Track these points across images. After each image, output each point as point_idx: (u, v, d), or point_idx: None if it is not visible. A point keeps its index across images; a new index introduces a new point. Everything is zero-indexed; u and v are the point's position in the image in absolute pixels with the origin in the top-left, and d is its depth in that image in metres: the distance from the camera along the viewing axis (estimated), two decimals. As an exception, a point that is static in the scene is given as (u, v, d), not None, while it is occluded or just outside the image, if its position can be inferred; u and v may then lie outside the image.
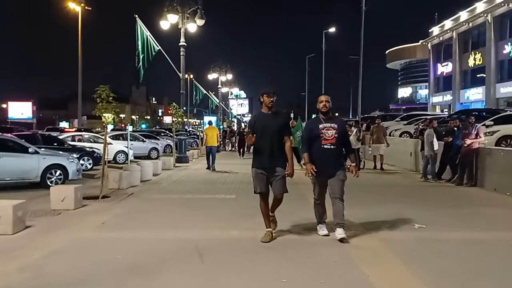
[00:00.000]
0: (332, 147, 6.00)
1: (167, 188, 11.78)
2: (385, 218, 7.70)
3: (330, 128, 6.01)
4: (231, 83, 46.70)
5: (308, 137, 6.20)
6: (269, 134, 5.86)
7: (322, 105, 6.09)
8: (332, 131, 5.99)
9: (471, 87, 45.28)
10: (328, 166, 6.03)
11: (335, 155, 6.08)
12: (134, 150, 23.16)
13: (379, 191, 11.46)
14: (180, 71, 20.24)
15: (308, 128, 6.33)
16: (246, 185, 12.10)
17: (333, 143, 6.00)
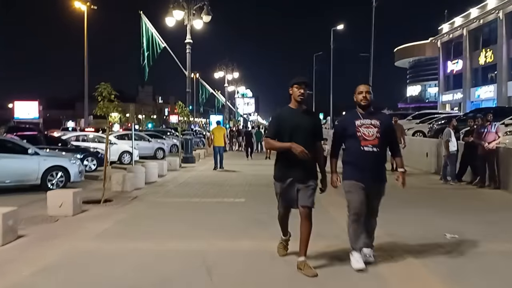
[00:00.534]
0: (375, 149, 4.78)
1: (173, 191, 11.17)
2: (411, 226, 7.05)
3: (371, 125, 4.81)
4: (238, 81, 46.06)
5: (339, 137, 5.02)
6: (300, 137, 4.58)
7: (361, 97, 4.85)
8: (373, 129, 4.79)
9: (482, 85, 44.35)
10: (370, 174, 4.86)
11: (378, 160, 4.89)
12: (140, 150, 22.63)
13: (398, 194, 10.71)
14: (186, 69, 19.63)
15: (340, 126, 5.10)
16: (256, 188, 11.50)
17: (376, 144, 4.77)
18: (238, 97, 60.38)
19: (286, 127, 4.68)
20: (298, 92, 4.70)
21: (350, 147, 4.90)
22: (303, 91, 4.69)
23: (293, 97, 4.74)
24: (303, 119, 4.71)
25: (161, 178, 13.65)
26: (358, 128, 4.80)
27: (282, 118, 4.76)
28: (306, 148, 4.49)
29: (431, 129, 19.42)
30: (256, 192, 10.87)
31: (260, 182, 12.71)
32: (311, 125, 4.74)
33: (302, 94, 4.70)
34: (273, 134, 4.75)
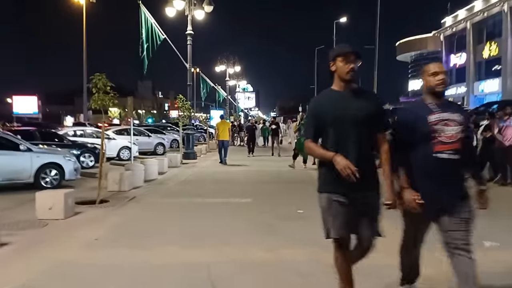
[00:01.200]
0: (456, 156, 3.21)
1: (173, 190, 10.42)
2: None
3: (450, 121, 3.24)
4: (239, 75, 45.25)
5: (404, 138, 3.30)
6: (352, 129, 3.13)
7: (438, 81, 3.31)
8: (454, 128, 3.22)
9: (486, 78, 43.53)
10: (446, 191, 3.25)
11: (459, 172, 3.31)
12: (139, 145, 21.86)
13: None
14: (187, 62, 18.84)
15: (405, 122, 3.36)
16: (262, 186, 10.79)
17: (457, 149, 3.21)
18: (239, 92, 59.60)
19: (329, 120, 3.15)
20: (345, 67, 3.15)
21: (417, 154, 3.27)
22: (353, 65, 3.15)
23: (337, 75, 3.22)
24: (355, 105, 3.15)
25: (161, 175, 12.92)
26: (433, 126, 3.22)
27: (322, 108, 3.21)
28: (361, 144, 3.12)
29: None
30: (263, 190, 10.17)
31: (266, 179, 12.05)
32: (367, 112, 3.15)
33: (352, 70, 3.15)
34: (312, 135, 3.22)
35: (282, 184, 11.25)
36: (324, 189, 3.29)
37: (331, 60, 3.26)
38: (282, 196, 9.40)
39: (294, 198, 9.05)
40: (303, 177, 12.32)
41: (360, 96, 3.23)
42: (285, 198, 9.10)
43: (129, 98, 13.36)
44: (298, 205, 8.03)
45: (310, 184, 11.64)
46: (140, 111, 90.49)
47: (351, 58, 3.18)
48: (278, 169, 13.97)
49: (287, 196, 9.37)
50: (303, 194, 9.56)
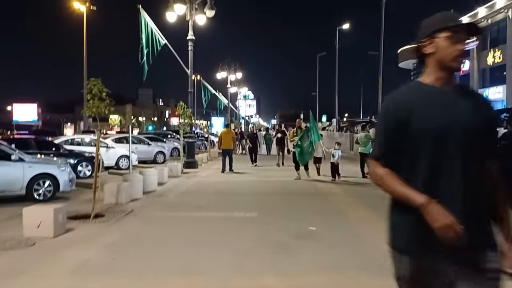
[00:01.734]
0: None
1: (173, 202, 9.77)
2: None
3: None
4: (240, 82, 44.70)
5: None
6: (458, 151, 1.91)
7: None
8: None
9: (490, 86, 42.97)
10: None
11: None
12: (139, 154, 21.27)
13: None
14: (188, 68, 18.26)
15: None
16: (267, 198, 10.14)
17: None
18: (240, 99, 59.11)
19: (422, 132, 1.93)
20: (454, 48, 1.98)
21: None
22: (463, 46, 2.00)
23: (436, 60, 2.02)
24: (465, 112, 1.94)
25: (161, 186, 12.27)
26: None
27: (411, 112, 1.96)
28: (470, 168, 1.91)
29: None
30: (268, 203, 9.52)
31: (270, 190, 11.40)
32: (481, 125, 1.95)
33: (461, 53, 2.00)
34: (382, 155, 2.06)
35: (288, 196, 10.60)
36: (405, 248, 1.97)
37: (426, 36, 2.03)
38: (289, 210, 8.75)
39: (303, 212, 8.42)
40: (309, 189, 11.71)
41: (468, 99, 2.00)
42: (293, 212, 8.45)
43: (128, 105, 12.76)
44: (308, 221, 7.40)
45: (317, 196, 11.12)
46: (140, 118, 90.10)
47: (462, 34, 1.98)
48: (282, 180, 13.32)
49: (295, 210, 8.73)
50: (312, 207, 8.95)
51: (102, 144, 19.38)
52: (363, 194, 10.64)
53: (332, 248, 5.75)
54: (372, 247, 5.72)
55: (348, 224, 7.32)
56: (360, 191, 11.17)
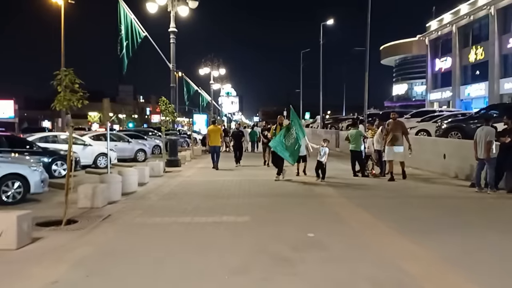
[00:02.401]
0: None
1: (156, 205, 8.90)
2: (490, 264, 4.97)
3: None
4: (223, 79, 43.76)
5: None
6: None
7: None
8: None
9: (472, 83, 42.99)
10: None
11: None
12: (118, 152, 20.28)
13: (432, 206, 8.77)
14: (170, 62, 17.35)
15: None
16: (258, 200, 9.36)
17: None
18: (223, 96, 58.14)
19: None
20: None
21: None
22: None
23: None
24: None
25: (142, 187, 11.40)
26: None
27: None
28: None
29: (439, 128, 17.55)
30: (259, 205, 8.74)
31: (262, 191, 10.62)
32: None
33: None
34: None
35: (279, 197, 9.81)
36: None
37: None
38: (283, 213, 8.00)
39: (297, 216, 7.69)
40: (300, 190, 11.02)
41: None
42: (287, 216, 7.70)
43: (105, 100, 11.86)
44: (305, 227, 6.68)
45: (310, 197, 10.17)
46: (121, 115, 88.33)
47: None
48: (271, 179, 12.47)
49: (289, 213, 7.98)
50: (306, 210, 8.25)
51: (79, 142, 18.36)
52: (357, 195, 9.98)
53: (339, 262, 5.03)
54: (381, 259, 5.03)
55: (348, 230, 6.62)
56: (353, 192, 10.50)
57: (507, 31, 37.98)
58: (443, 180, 12.34)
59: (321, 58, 37.61)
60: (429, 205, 8.93)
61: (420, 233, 6.28)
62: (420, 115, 23.88)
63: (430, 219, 7.40)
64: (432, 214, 7.93)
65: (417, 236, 6.11)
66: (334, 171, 14.48)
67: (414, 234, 6.19)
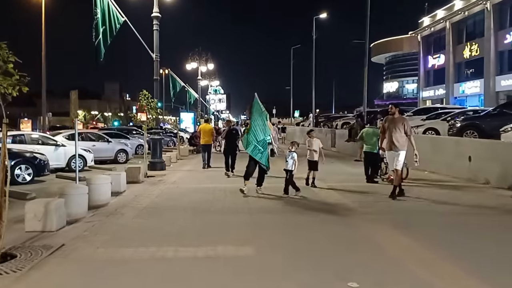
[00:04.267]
0: None
1: (129, 227, 6.72)
2: None
3: None
4: (212, 74, 41.49)
5: None
6: None
7: None
8: None
9: (467, 80, 41.46)
10: None
11: None
12: (97, 152, 18.06)
13: (489, 226, 6.74)
14: (154, 51, 15.17)
15: None
16: (262, 217, 7.21)
17: None
18: (210, 93, 55.83)
19: None
20: None
21: None
22: None
23: None
24: None
25: (116, 197, 9.25)
26: None
27: None
28: None
29: (452, 127, 15.69)
30: (266, 226, 6.66)
31: (264, 204, 8.48)
32: None
33: None
34: None
35: (289, 214, 7.66)
36: None
37: None
38: (299, 240, 5.89)
39: (319, 245, 5.61)
40: (309, 204, 8.91)
41: None
42: (306, 245, 5.60)
43: (73, 92, 9.70)
44: (337, 266, 4.65)
45: (327, 213, 7.58)
46: (106, 113, 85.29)
47: None
48: (273, 186, 10.08)
49: (307, 240, 5.87)
50: (329, 234, 6.17)
51: (50, 142, 16.09)
52: (384, 209, 7.94)
53: None
54: None
55: (399, 269, 4.59)
56: (376, 204, 8.45)
57: (503, 27, 36.51)
58: (475, 188, 10.38)
59: (314, 53, 35.64)
60: (486, 225, 6.94)
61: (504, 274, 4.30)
62: (423, 112, 22.10)
63: (502, 250, 5.42)
64: (498, 240, 5.94)
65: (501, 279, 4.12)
66: (342, 176, 12.51)
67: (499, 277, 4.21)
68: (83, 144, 17.59)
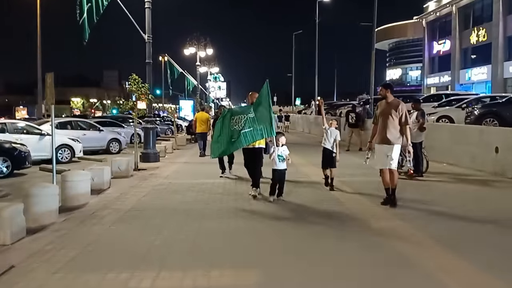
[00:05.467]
0: None
1: (102, 239, 5.35)
2: None
3: None
4: (211, 60, 39.87)
5: None
6: None
7: None
8: None
9: (473, 66, 39.96)
10: None
11: None
12: (88, 142, 16.80)
13: None
14: (146, 32, 13.74)
15: None
16: (269, 225, 5.75)
17: None
18: (210, 80, 54.28)
19: None
20: None
21: None
22: None
23: None
24: None
25: (98, 195, 7.97)
26: None
27: None
28: None
29: (470, 114, 14.36)
30: (275, 237, 5.33)
31: (274, 210, 7.07)
32: None
33: None
34: None
35: (303, 224, 6.07)
36: None
37: None
38: (323, 262, 4.53)
39: (350, 271, 4.27)
40: (332, 203, 7.60)
41: None
42: (333, 271, 4.28)
43: (48, 75, 8.31)
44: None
45: (347, 222, 5.82)
46: (105, 101, 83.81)
47: None
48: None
49: (334, 262, 4.50)
50: (357, 254, 4.74)
51: (34, 131, 14.74)
52: (415, 214, 6.61)
53: None
54: None
55: None
56: (405, 209, 7.09)
57: (512, 11, 34.98)
58: (506, 183, 9.07)
59: (317, 38, 34.10)
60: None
61: None
62: (432, 99, 20.77)
63: None
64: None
65: None
66: (352, 169, 11.14)
67: None
68: (72, 133, 16.30)
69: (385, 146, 6.92)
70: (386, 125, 6.92)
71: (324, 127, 8.61)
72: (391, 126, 6.90)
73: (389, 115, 6.91)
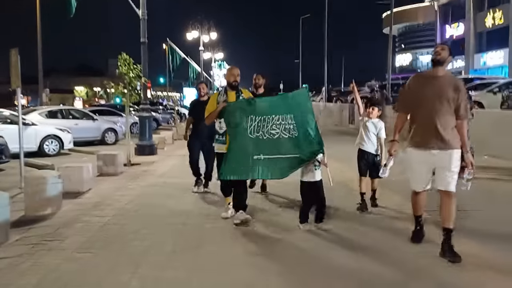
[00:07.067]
0: None
1: (52, 280, 3.71)
2: None
3: None
4: (215, 46, 37.99)
5: None
6: None
7: None
8: None
9: (488, 50, 37.85)
10: None
11: None
12: (81, 132, 15.23)
13: None
14: (140, 8, 12.00)
15: None
16: (283, 253, 4.12)
17: None
18: (214, 67, 52.40)
19: None
20: None
21: None
22: None
23: None
24: None
25: (72, 201, 6.32)
26: None
27: None
28: None
29: (507, 99, 12.60)
30: (290, 273, 3.65)
31: (303, 237, 5.35)
32: None
33: None
34: None
35: (327, 251, 4.58)
36: None
37: None
38: None
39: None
40: (377, 238, 5.85)
41: None
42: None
43: (13, 51, 6.68)
44: None
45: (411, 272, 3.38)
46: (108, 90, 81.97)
47: None
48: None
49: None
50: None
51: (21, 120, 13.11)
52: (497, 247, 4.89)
53: None
54: None
55: None
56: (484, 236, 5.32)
57: (532, -9, 32.78)
58: None
59: (326, 21, 32.11)
60: None
61: None
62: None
63: None
64: None
65: None
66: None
67: None
68: (62, 123, 14.65)
69: (437, 153, 4.00)
70: (435, 115, 3.96)
71: (361, 118, 5.83)
72: (446, 117, 3.98)
73: (442, 99, 3.95)
